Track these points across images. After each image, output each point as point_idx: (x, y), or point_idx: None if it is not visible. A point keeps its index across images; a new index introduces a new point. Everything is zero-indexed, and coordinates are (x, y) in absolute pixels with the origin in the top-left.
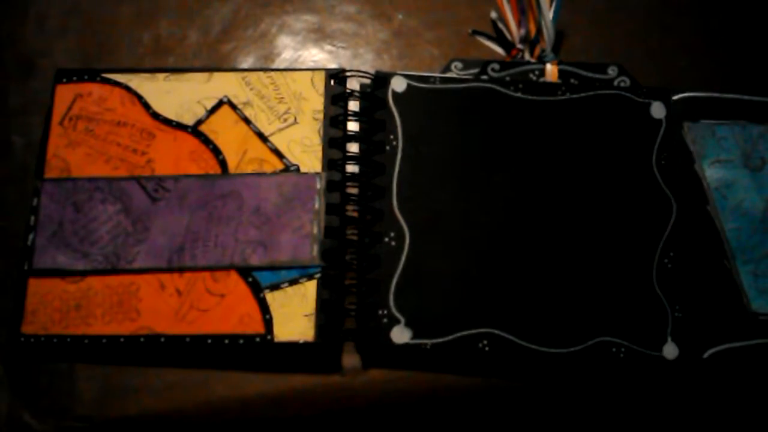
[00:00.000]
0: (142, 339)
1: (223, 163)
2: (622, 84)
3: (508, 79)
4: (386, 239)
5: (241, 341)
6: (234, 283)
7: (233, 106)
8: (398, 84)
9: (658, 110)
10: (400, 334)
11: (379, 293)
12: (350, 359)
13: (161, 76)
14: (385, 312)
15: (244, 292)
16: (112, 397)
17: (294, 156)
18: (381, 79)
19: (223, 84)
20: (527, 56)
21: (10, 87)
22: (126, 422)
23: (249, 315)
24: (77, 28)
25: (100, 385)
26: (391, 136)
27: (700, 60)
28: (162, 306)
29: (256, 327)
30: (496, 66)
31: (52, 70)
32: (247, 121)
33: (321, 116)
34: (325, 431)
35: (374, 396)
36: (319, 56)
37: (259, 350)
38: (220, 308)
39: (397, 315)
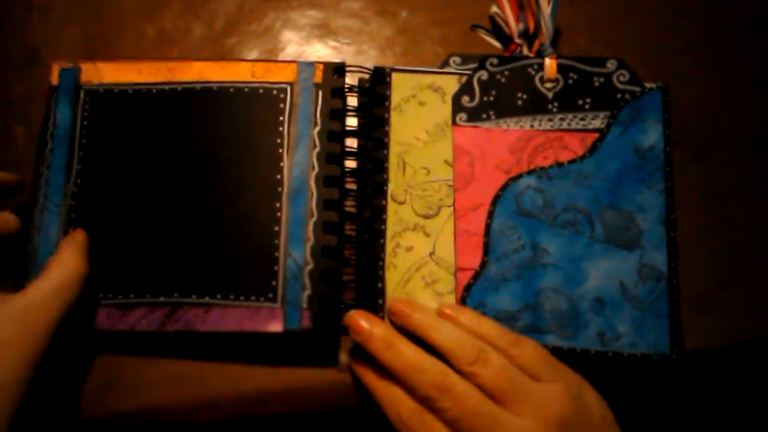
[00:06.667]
0: None
1: None
2: (622, 78)
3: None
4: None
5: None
6: None
7: None
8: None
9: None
10: None
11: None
12: (347, 355)
13: None
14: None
15: None
16: (110, 391)
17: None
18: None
19: None
20: (525, 51)
21: (14, 77)
22: (122, 416)
23: None
24: (81, 19)
25: (98, 379)
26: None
27: (701, 58)
28: None
29: None
30: (495, 61)
31: (55, 61)
32: None
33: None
34: (321, 425)
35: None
36: (323, 52)
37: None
38: None
39: None
